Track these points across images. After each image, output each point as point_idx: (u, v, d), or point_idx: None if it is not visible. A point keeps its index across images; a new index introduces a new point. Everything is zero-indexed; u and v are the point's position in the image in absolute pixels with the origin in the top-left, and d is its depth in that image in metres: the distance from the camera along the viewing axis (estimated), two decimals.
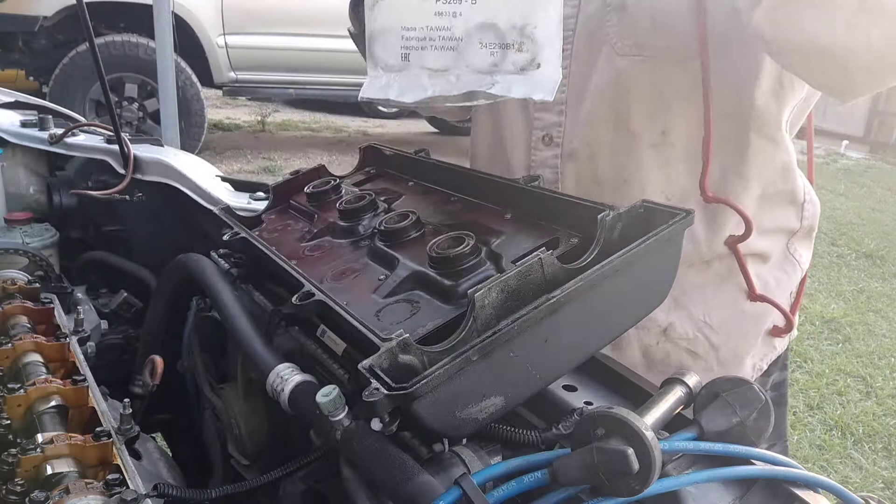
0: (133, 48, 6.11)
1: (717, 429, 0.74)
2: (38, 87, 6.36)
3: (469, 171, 1.15)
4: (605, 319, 0.83)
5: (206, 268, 1.14)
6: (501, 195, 1.06)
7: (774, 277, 1.26)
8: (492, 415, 0.73)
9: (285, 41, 6.77)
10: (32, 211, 1.70)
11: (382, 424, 0.70)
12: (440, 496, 0.65)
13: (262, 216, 1.31)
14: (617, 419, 0.64)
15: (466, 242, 0.90)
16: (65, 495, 0.73)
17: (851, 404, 3.71)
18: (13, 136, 1.76)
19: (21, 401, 0.91)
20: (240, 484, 0.91)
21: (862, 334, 4.55)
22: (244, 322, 1.01)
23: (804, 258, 1.31)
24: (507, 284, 0.75)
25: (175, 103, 5.23)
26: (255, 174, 6.78)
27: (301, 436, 1.02)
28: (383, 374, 0.69)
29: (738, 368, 1.26)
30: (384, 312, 0.89)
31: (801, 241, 1.30)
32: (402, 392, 0.66)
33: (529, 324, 0.73)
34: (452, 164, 1.17)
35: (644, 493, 0.63)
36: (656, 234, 0.81)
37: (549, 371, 0.78)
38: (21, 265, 1.43)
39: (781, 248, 1.27)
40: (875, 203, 7.97)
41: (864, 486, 3.06)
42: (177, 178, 1.63)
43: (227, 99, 8.60)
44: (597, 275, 0.77)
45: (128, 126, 6.19)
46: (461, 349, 0.70)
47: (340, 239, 1.12)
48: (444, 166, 1.18)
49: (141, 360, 1.27)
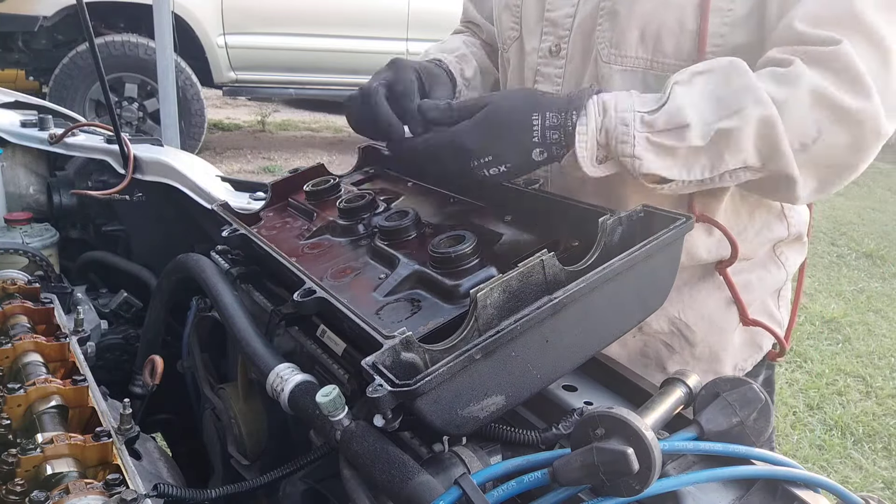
0: (133, 48, 6.11)
1: (717, 429, 0.74)
2: (38, 87, 6.36)
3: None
4: (606, 321, 0.83)
5: (206, 268, 1.14)
6: (501, 198, 1.06)
7: (757, 276, 1.25)
8: (493, 413, 0.73)
9: (285, 41, 6.77)
10: (32, 211, 1.70)
11: (385, 421, 0.70)
12: (440, 496, 0.65)
13: (261, 213, 1.31)
14: (617, 419, 0.64)
15: (468, 242, 0.90)
16: (65, 495, 0.73)
17: (851, 404, 3.71)
18: (13, 136, 1.76)
19: (21, 401, 0.91)
20: (240, 484, 0.91)
21: (862, 334, 4.54)
22: (244, 322, 1.01)
23: (791, 261, 1.30)
24: (509, 285, 0.75)
25: (175, 103, 5.22)
26: (254, 174, 6.78)
27: (301, 436, 1.02)
28: (386, 370, 0.69)
29: (716, 365, 1.26)
30: (385, 311, 0.89)
31: (790, 246, 1.29)
32: (406, 389, 0.66)
33: (531, 324, 0.73)
34: None
35: (644, 493, 0.63)
36: (657, 239, 0.82)
37: (550, 371, 0.78)
38: (21, 265, 1.42)
39: (766, 251, 1.26)
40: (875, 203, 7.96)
41: (864, 486, 3.06)
42: (177, 178, 1.62)
43: (227, 99, 8.60)
44: (598, 277, 0.77)
45: (128, 126, 6.19)
46: (463, 348, 0.70)
47: (340, 237, 1.12)
48: None
49: (141, 360, 1.27)
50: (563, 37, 1.18)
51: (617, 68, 1.12)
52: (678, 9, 1.05)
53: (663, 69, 1.09)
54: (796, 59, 0.95)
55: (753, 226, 1.20)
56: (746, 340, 1.28)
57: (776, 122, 0.92)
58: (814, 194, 1.01)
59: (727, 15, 1.03)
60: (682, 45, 1.07)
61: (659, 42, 1.08)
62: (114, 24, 6.35)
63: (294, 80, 7.05)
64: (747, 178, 0.98)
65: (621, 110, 0.97)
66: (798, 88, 0.93)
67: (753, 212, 1.20)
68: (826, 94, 0.92)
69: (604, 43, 1.13)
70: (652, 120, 0.95)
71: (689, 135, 0.94)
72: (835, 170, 0.99)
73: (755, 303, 1.26)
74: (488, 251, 0.93)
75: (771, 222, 1.22)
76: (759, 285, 1.25)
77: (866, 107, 0.93)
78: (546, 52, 1.21)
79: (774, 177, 0.98)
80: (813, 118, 0.93)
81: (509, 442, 0.78)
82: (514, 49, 1.28)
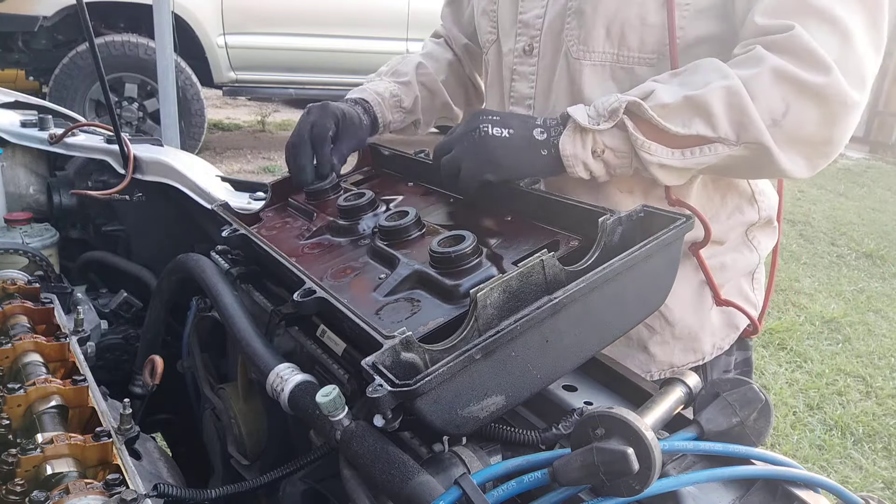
0: (133, 48, 6.11)
1: (717, 429, 0.74)
2: (38, 87, 6.36)
3: None
4: (606, 321, 0.83)
5: (206, 268, 1.14)
6: (501, 197, 1.06)
7: (731, 258, 1.30)
8: (492, 413, 0.73)
9: (285, 41, 6.77)
10: (32, 211, 1.70)
11: (385, 421, 0.70)
12: (440, 496, 0.65)
13: (261, 213, 1.31)
14: (617, 419, 0.64)
15: (468, 242, 0.90)
16: (65, 495, 0.73)
17: (851, 404, 3.71)
18: (13, 136, 1.76)
19: (21, 401, 0.91)
20: (240, 484, 0.91)
21: (862, 334, 4.54)
22: (244, 322, 1.01)
23: (763, 245, 1.34)
24: (509, 285, 0.75)
25: (175, 103, 5.22)
26: (254, 174, 6.78)
27: (301, 436, 1.02)
28: (386, 370, 0.69)
29: (695, 344, 1.30)
30: (385, 311, 0.89)
31: (761, 230, 1.33)
32: (406, 389, 0.66)
33: (531, 324, 0.73)
34: None
35: (644, 493, 0.63)
36: (656, 239, 0.82)
37: (550, 371, 0.78)
38: (21, 265, 1.42)
39: (739, 234, 1.31)
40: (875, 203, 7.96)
41: (864, 486, 3.06)
42: (177, 178, 1.63)
43: (227, 99, 8.60)
44: (598, 277, 0.77)
45: (128, 126, 6.19)
46: (463, 348, 0.70)
47: (340, 237, 1.12)
48: None
49: (141, 360, 1.27)
50: (535, 36, 1.27)
51: (586, 63, 1.20)
52: (639, 5, 1.12)
53: (629, 62, 1.17)
54: (756, 46, 1.02)
55: (725, 209, 1.27)
56: (724, 321, 1.33)
57: (741, 91, 0.98)
58: (805, 170, 1.05)
59: (685, 9, 1.10)
60: (645, 39, 1.14)
61: (623, 37, 1.16)
62: (114, 24, 6.35)
63: (294, 80, 7.05)
64: (726, 152, 1.02)
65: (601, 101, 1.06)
66: (760, 68, 1.00)
67: (725, 195, 1.26)
68: (787, 71, 0.98)
69: (573, 40, 1.20)
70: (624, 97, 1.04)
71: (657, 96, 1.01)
72: (814, 145, 1.04)
73: (729, 284, 1.31)
74: (488, 251, 0.93)
75: (742, 206, 1.28)
76: (732, 267, 1.30)
77: (828, 81, 0.98)
78: (520, 52, 1.29)
79: (754, 153, 1.02)
80: (778, 93, 0.99)
81: (509, 442, 0.78)
82: (493, 51, 1.38)
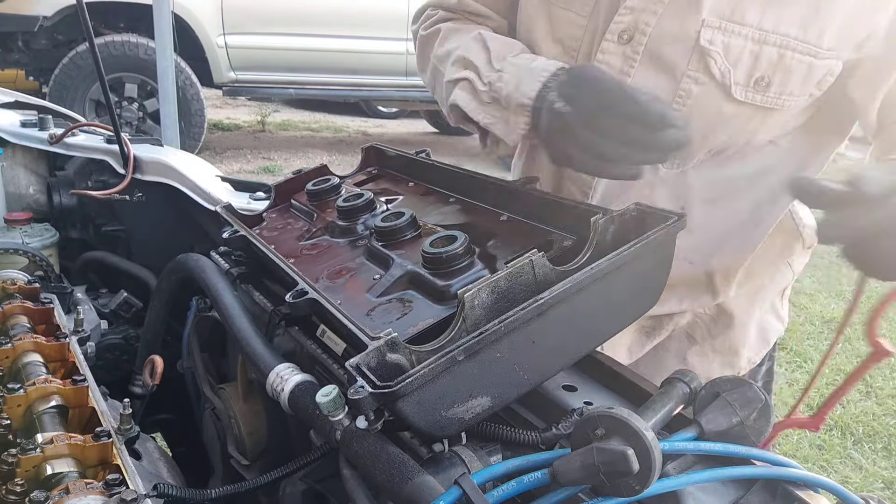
0: (133, 48, 6.11)
1: (717, 429, 0.74)
2: (38, 87, 6.36)
3: (469, 172, 1.15)
4: (595, 321, 0.83)
5: (206, 268, 1.14)
6: (499, 197, 1.06)
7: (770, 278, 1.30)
8: (478, 415, 0.73)
9: (285, 41, 6.77)
10: (32, 211, 1.70)
11: (368, 423, 0.70)
12: (440, 496, 0.65)
13: (264, 214, 1.31)
14: (617, 419, 0.64)
15: (459, 242, 0.89)
16: (65, 495, 0.73)
17: (851, 404, 3.70)
18: (13, 136, 1.76)
19: (21, 401, 0.91)
20: (240, 484, 0.91)
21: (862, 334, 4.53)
22: (244, 322, 1.01)
23: (797, 263, 1.35)
24: (498, 285, 0.75)
25: (175, 103, 5.23)
26: (254, 174, 6.78)
27: (301, 436, 1.02)
28: (370, 372, 0.68)
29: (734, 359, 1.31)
30: (376, 311, 0.89)
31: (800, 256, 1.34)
32: (385, 390, 0.66)
33: (516, 325, 0.72)
34: (453, 166, 1.17)
35: (644, 493, 0.63)
36: (646, 238, 0.81)
37: (538, 372, 0.77)
38: (21, 265, 1.42)
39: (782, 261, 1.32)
40: None
41: (864, 486, 3.06)
42: (177, 178, 1.63)
43: (227, 99, 8.59)
44: (585, 277, 0.76)
45: (128, 126, 6.19)
46: (448, 349, 0.70)
47: (338, 238, 1.12)
48: (444, 167, 1.18)
49: (141, 360, 1.27)
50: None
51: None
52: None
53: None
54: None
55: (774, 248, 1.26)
56: (759, 336, 1.34)
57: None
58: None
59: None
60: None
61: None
62: (114, 24, 6.35)
63: (294, 80, 7.05)
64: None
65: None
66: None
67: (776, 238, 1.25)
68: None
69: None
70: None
71: None
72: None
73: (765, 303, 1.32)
74: (482, 251, 0.93)
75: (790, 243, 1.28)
76: (770, 287, 1.31)
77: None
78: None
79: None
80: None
81: (509, 442, 0.77)
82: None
